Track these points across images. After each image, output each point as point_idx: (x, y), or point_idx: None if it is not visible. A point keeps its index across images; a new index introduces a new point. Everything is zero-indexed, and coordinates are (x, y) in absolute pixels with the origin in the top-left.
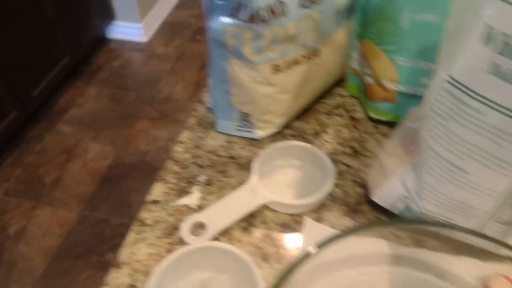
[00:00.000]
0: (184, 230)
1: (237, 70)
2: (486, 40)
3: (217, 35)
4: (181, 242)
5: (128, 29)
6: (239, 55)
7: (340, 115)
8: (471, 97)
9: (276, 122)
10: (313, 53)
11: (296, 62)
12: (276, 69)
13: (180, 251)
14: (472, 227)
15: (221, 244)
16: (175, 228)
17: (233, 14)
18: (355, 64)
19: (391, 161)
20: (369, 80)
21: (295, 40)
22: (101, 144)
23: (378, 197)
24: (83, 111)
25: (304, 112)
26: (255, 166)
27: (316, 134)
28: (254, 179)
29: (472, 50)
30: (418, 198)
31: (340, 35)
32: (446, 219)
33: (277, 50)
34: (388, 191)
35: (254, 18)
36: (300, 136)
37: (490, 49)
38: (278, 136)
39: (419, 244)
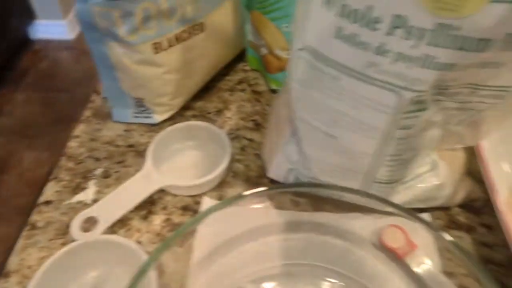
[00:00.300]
0: (74, 228)
1: (118, 53)
2: (326, 3)
3: (85, 17)
4: (74, 241)
5: (52, 28)
6: (115, 37)
7: (243, 90)
8: (325, 63)
9: (172, 104)
10: (197, 28)
11: (178, 38)
12: (158, 47)
13: (62, 250)
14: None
15: (109, 237)
16: (68, 227)
17: None
18: (250, 36)
19: (276, 134)
20: (264, 51)
21: (173, 15)
22: (37, 152)
23: (271, 172)
24: (13, 119)
25: (206, 91)
26: (149, 151)
27: (219, 112)
28: (148, 165)
29: (317, 15)
30: (303, 168)
31: (226, 8)
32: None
33: (154, 28)
34: (278, 165)
35: None
36: (202, 116)
37: (331, 12)
38: (179, 118)
39: (317, 208)
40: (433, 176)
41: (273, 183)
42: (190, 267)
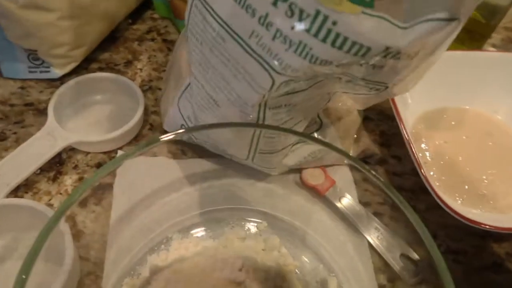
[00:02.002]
0: None
1: None
2: None
3: None
4: None
5: None
6: None
7: (153, 40)
8: (214, 18)
9: (73, 55)
10: None
11: None
12: None
13: None
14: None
15: (9, 200)
16: None
17: None
18: None
19: (174, 85)
20: None
21: None
22: None
23: (167, 125)
24: None
25: (112, 42)
26: (50, 107)
27: (128, 63)
28: (50, 121)
29: None
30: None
31: None
32: (221, 151)
33: None
34: (173, 118)
35: None
36: (110, 68)
37: None
38: (84, 72)
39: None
40: (320, 136)
41: None
42: (111, 224)
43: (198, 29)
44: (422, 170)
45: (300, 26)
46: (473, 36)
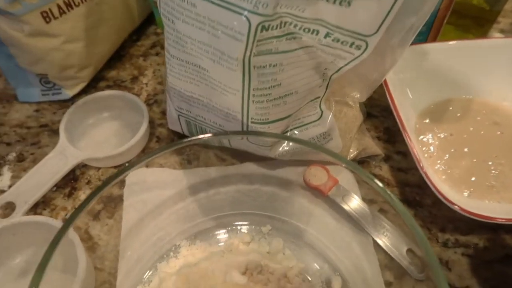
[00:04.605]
0: None
1: (3, 26)
2: None
3: None
4: None
5: None
6: None
7: (157, 54)
8: None
9: (81, 76)
10: None
11: (69, 4)
12: (48, 16)
13: None
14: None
15: (28, 218)
16: None
17: None
18: None
19: (166, 83)
20: None
21: None
22: None
23: (170, 124)
24: None
25: (118, 59)
26: (61, 127)
27: (135, 79)
28: (62, 141)
29: None
30: (187, 112)
31: None
32: (218, 126)
33: None
34: (171, 114)
35: None
36: (117, 85)
37: None
38: (93, 90)
39: (243, 160)
40: (319, 125)
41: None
42: (122, 236)
43: (169, 8)
44: (421, 165)
45: None
46: (478, 22)
